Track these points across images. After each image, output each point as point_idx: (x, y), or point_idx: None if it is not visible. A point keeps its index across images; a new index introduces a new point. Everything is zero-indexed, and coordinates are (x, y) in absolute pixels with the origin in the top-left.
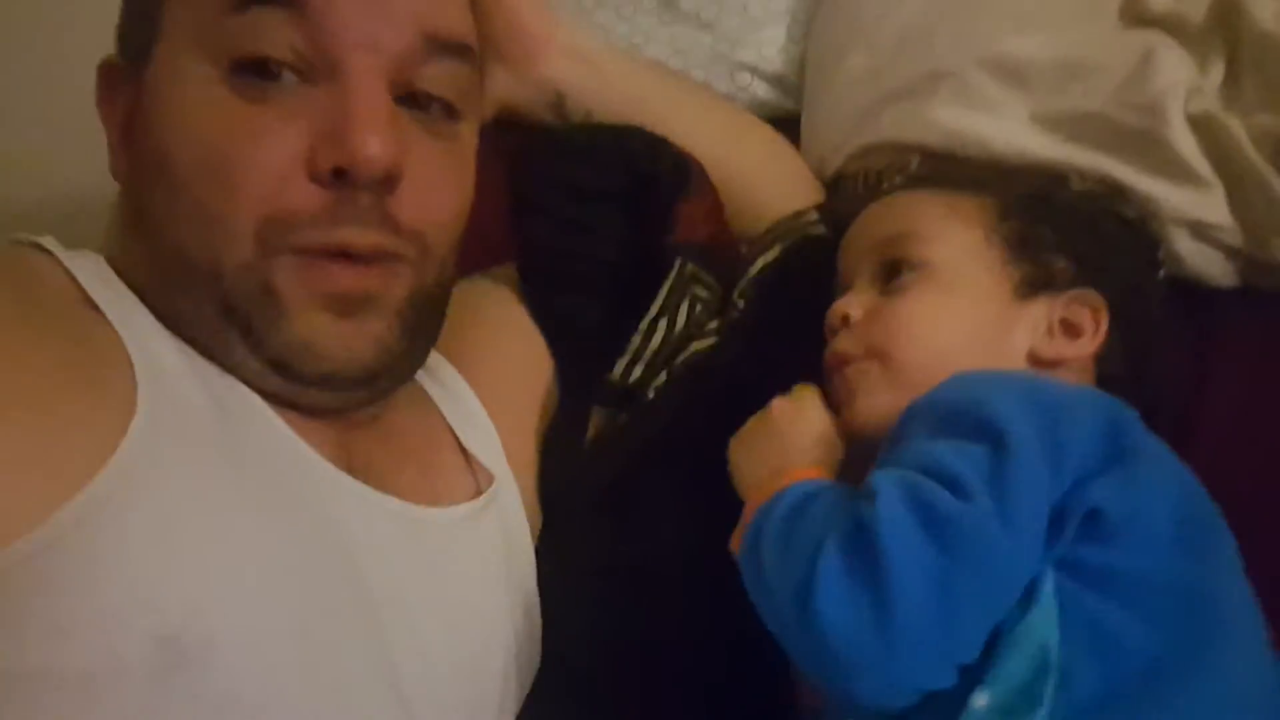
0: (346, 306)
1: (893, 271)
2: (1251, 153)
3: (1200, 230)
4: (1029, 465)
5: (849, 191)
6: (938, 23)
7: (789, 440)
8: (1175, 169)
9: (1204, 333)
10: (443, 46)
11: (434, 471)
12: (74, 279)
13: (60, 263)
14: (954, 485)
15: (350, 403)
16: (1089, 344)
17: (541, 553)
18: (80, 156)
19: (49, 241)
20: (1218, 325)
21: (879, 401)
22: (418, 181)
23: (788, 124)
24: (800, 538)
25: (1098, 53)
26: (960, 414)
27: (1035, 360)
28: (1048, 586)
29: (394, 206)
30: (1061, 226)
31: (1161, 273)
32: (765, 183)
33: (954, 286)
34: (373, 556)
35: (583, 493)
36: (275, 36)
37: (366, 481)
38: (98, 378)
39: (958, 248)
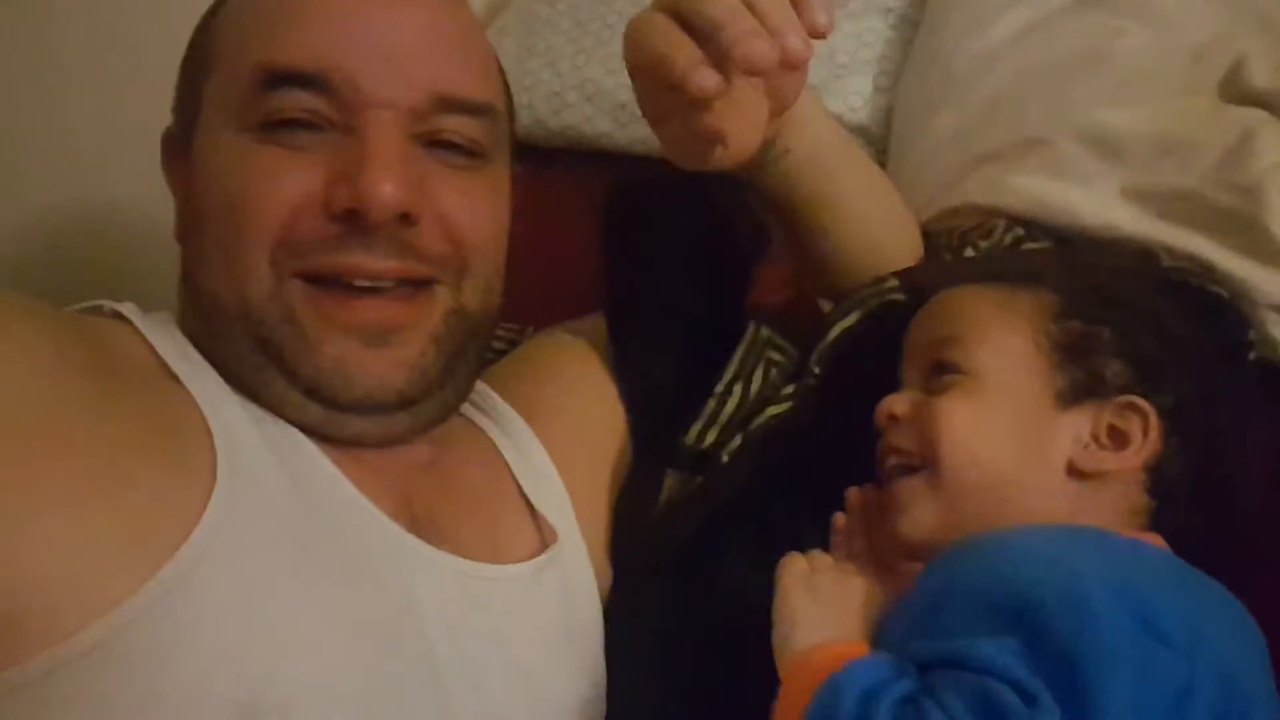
0: (373, 337)
1: (940, 373)
2: None
3: None
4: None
5: (933, 254)
6: (1031, 89)
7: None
8: (1271, 252)
9: None
10: (458, 105)
11: (497, 525)
12: (151, 347)
13: (138, 330)
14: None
15: (395, 430)
16: (1136, 455)
17: (610, 613)
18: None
19: (128, 308)
20: None
21: (926, 518)
22: (445, 210)
23: None
24: None
25: (1195, 129)
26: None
27: (1074, 473)
28: None
29: (416, 237)
30: (1122, 327)
31: (1252, 355)
32: (893, 245)
33: (993, 394)
34: (437, 618)
35: (656, 554)
36: (299, 104)
37: (429, 535)
38: (179, 451)
39: (1002, 354)
